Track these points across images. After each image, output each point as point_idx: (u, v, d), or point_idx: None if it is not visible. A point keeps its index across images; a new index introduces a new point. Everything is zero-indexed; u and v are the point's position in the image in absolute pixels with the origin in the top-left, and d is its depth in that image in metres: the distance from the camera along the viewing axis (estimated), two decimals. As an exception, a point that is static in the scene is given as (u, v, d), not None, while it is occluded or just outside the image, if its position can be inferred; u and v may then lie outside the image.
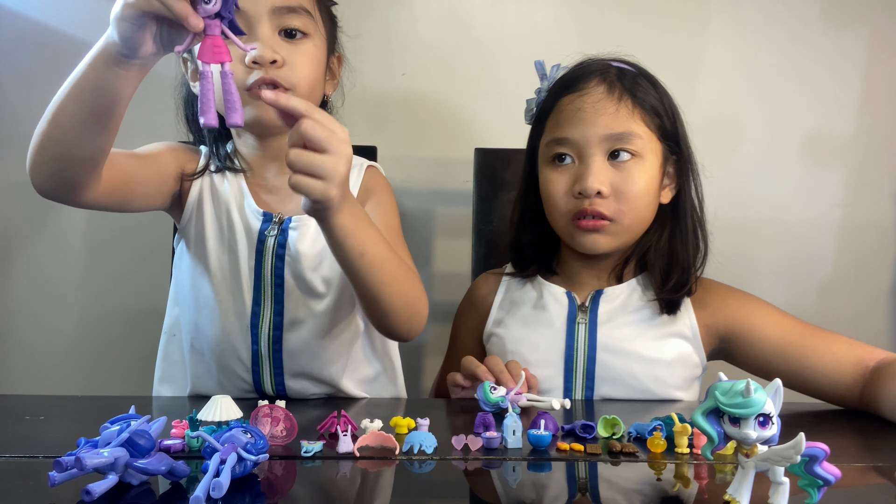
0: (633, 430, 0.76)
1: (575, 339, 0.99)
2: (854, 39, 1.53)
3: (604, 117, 0.95)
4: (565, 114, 0.98)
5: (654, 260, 1.00)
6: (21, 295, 1.51)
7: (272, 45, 0.89)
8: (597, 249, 0.98)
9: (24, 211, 1.50)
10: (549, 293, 1.03)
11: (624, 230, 0.98)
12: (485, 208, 1.36)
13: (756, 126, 1.54)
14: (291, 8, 0.91)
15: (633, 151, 0.96)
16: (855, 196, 1.55)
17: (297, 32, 0.92)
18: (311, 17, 0.94)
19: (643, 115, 0.97)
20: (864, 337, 0.99)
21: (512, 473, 0.66)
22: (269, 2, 0.89)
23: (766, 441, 0.53)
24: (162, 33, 0.70)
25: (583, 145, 0.96)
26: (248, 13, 0.89)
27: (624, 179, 0.95)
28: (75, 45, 1.47)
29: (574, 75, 1.01)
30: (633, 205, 0.96)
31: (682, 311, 1.00)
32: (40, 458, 0.66)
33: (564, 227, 1.00)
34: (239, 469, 0.58)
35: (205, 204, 1.00)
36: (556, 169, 0.99)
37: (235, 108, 0.68)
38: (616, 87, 0.97)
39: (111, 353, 1.53)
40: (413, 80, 1.52)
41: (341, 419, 0.74)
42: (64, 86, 0.76)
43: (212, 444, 0.59)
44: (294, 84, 0.91)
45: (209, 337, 0.99)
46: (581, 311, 1.00)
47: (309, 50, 0.93)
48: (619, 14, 1.52)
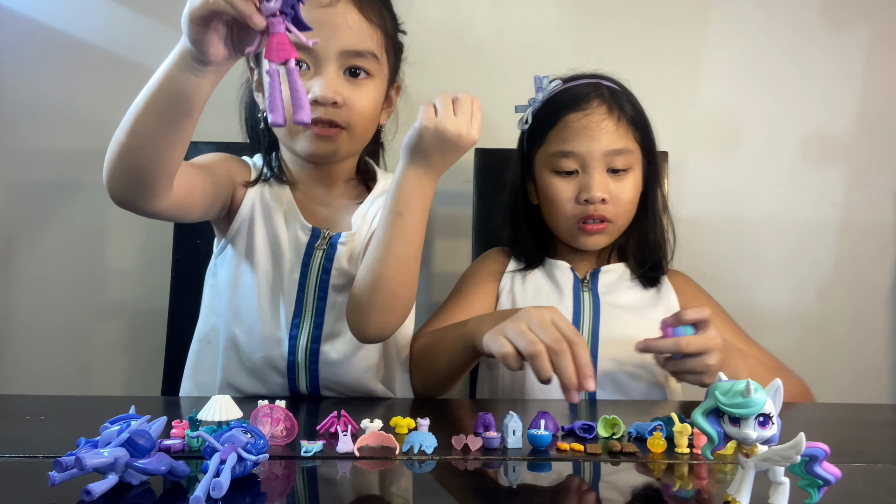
0: (633, 430, 0.76)
1: (581, 304, 1.11)
2: (854, 39, 1.53)
3: (606, 135, 1.08)
4: (571, 130, 1.09)
5: (630, 249, 1.17)
6: (21, 295, 1.51)
7: (335, 85, 0.93)
8: (596, 247, 1.14)
9: (24, 211, 1.50)
10: (555, 267, 1.16)
11: (618, 229, 1.14)
12: (485, 208, 1.36)
13: (756, 126, 1.54)
14: (359, 52, 0.94)
15: (626, 167, 1.10)
16: (855, 196, 1.55)
17: (360, 72, 0.96)
18: (377, 60, 0.98)
19: (634, 131, 1.11)
20: (863, 336, 0.99)
21: (512, 473, 0.66)
22: (339, 44, 0.92)
23: (766, 441, 0.53)
24: (231, 35, 0.71)
25: (588, 158, 1.08)
26: (318, 53, 0.92)
27: (620, 188, 1.10)
28: (75, 45, 1.47)
29: (575, 93, 1.12)
30: (626, 208, 1.12)
31: (666, 291, 1.15)
32: (40, 458, 0.66)
33: (568, 229, 1.13)
34: (239, 469, 0.58)
35: (255, 215, 1.02)
36: (562, 178, 1.11)
37: (302, 106, 0.66)
38: (614, 108, 1.10)
39: (111, 353, 1.53)
40: (413, 79, 1.52)
41: (341, 419, 0.74)
42: (139, 96, 0.76)
43: (212, 444, 0.59)
44: (351, 124, 0.96)
45: (246, 344, 1.01)
46: (584, 284, 1.14)
47: (370, 91, 0.97)
48: (620, 14, 1.52)
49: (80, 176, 1.49)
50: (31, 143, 1.48)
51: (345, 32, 0.92)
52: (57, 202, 1.50)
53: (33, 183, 1.49)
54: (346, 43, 0.93)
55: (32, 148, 1.48)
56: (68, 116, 1.48)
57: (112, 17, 1.47)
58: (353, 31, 0.93)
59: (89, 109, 1.48)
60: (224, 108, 1.19)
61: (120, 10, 1.48)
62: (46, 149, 1.48)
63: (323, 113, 0.93)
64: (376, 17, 0.96)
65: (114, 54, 1.48)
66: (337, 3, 0.91)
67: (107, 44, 1.48)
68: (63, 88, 1.48)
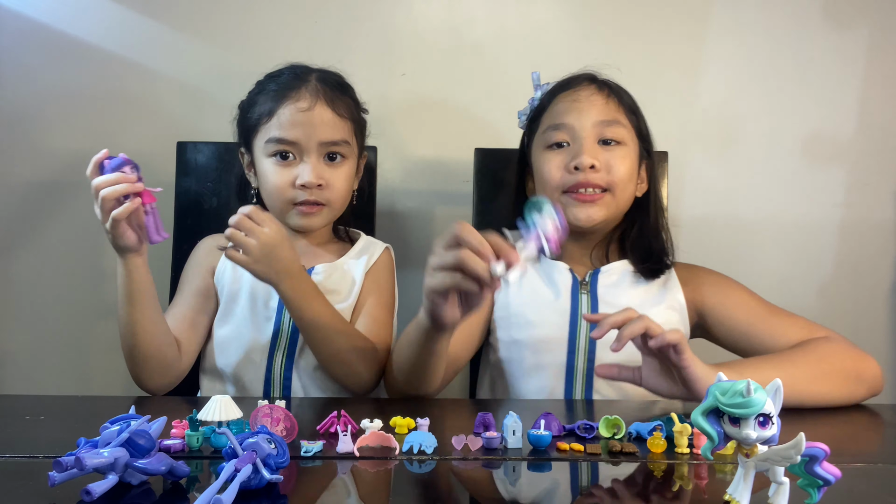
0: (633, 430, 0.76)
1: (579, 306, 1.09)
2: (854, 39, 1.53)
3: (596, 107, 1.09)
4: (561, 105, 1.11)
5: (629, 247, 1.14)
6: (21, 294, 1.51)
7: (318, 171, 1.09)
8: (590, 220, 1.08)
9: (24, 211, 1.50)
10: (552, 267, 1.13)
11: (615, 202, 1.09)
12: (485, 208, 1.36)
13: (756, 126, 1.54)
14: (335, 142, 1.11)
15: (619, 139, 1.09)
16: (855, 196, 1.55)
17: (337, 156, 1.12)
18: (350, 144, 1.13)
19: (626, 112, 1.12)
20: (864, 336, 0.99)
21: (512, 473, 0.66)
22: (318, 138, 1.09)
23: (766, 441, 0.53)
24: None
25: (577, 129, 1.08)
26: (302, 145, 1.09)
27: (612, 157, 1.08)
28: (75, 45, 1.47)
29: (566, 80, 1.15)
30: (621, 178, 1.08)
31: (672, 286, 1.12)
32: (40, 458, 0.66)
33: (560, 200, 1.09)
34: (255, 482, 0.56)
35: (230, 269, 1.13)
36: (553, 151, 1.10)
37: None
38: (605, 88, 1.12)
39: (111, 353, 1.52)
40: (413, 80, 1.52)
41: (341, 419, 0.74)
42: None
43: (233, 447, 0.57)
44: (331, 201, 1.12)
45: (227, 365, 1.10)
46: (583, 286, 1.10)
47: (345, 171, 1.13)
48: (619, 14, 1.52)
49: (80, 176, 1.47)
50: (31, 143, 1.48)
51: (321, 129, 1.09)
52: (57, 202, 1.50)
53: (33, 183, 1.49)
54: (323, 136, 1.09)
55: (33, 148, 1.48)
56: (68, 116, 1.48)
57: (112, 17, 1.47)
58: (328, 126, 1.10)
59: (89, 109, 1.48)
60: (223, 110, 1.20)
61: (120, 10, 1.48)
62: (47, 149, 1.48)
63: (309, 195, 1.09)
64: (345, 111, 1.12)
65: (114, 54, 1.48)
66: (314, 108, 1.09)
67: (107, 44, 1.48)
68: (63, 88, 1.48)
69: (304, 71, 1.13)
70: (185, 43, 1.48)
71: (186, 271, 1.16)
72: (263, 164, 1.11)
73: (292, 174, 1.09)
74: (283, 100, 1.09)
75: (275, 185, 1.09)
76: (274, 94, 1.10)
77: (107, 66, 1.47)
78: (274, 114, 1.09)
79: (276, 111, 1.09)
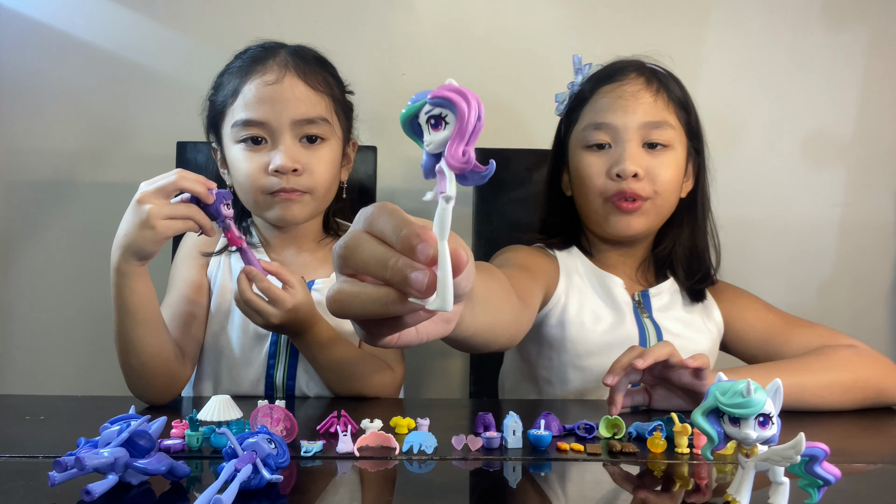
0: (633, 430, 0.76)
1: (646, 331, 1.03)
2: (854, 39, 1.53)
3: (643, 106, 1.00)
4: (605, 100, 1.02)
5: (678, 253, 1.07)
6: (21, 294, 1.51)
7: (293, 154, 0.96)
8: (629, 230, 1.02)
9: (24, 211, 1.50)
10: (607, 278, 1.07)
11: (656, 211, 1.02)
12: (485, 208, 1.36)
13: (756, 126, 1.54)
14: (311, 119, 0.98)
15: (665, 142, 1.01)
16: (855, 196, 1.55)
17: (316, 138, 0.99)
18: (329, 123, 1.01)
19: (676, 109, 1.03)
20: (863, 337, 0.99)
21: (512, 473, 0.66)
22: (290, 115, 0.96)
23: (766, 441, 0.53)
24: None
25: (621, 130, 1.00)
26: (272, 125, 0.96)
27: (658, 164, 1.00)
28: (75, 45, 1.47)
29: (612, 69, 1.06)
30: (665, 188, 1.01)
31: (710, 305, 1.08)
32: (40, 458, 0.66)
33: (600, 207, 1.03)
34: (255, 482, 0.56)
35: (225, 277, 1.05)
36: (593, 153, 1.03)
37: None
38: (653, 81, 1.03)
39: (111, 352, 1.52)
40: (413, 80, 1.52)
41: (341, 419, 0.74)
42: None
43: (233, 447, 0.57)
44: (312, 188, 0.99)
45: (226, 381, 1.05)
46: (640, 309, 1.05)
47: (326, 154, 1.00)
48: (619, 14, 1.52)
49: (80, 176, 1.49)
50: (31, 143, 1.48)
51: (293, 104, 0.96)
52: (57, 202, 1.50)
53: (33, 183, 1.49)
54: (296, 113, 0.96)
55: (32, 148, 1.48)
56: (68, 116, 1.48)
57: (112, 17, 1.47)
58: (302, 102, 0.97)
59: (89, 109, 1.48)
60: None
61: (120, 10, 1.48)
62: (46, 149, 1.48)
63: (286, 182, 0.96)
64: (321, 85, 0.99)
65: (114, 54, 1.48)
66: (283, 80, 0.96)
67: (107, 44, 1.48)
68: (63, 88, 1.48)
69: (275, 45, 1.01)
70: (185, 43, 1.48)
71: (178, 265, 1.08)
72: (232, 153, 0.99)
73: (264, 160, 0.96)
74: (248, 75, 0.96)
75: (245, 173, 0.97)
76: (238, 70, 0.99)
77: (107, 65, 1.47)
78: (239, 93, 0.96)
79: (240, 89, 0.96)
